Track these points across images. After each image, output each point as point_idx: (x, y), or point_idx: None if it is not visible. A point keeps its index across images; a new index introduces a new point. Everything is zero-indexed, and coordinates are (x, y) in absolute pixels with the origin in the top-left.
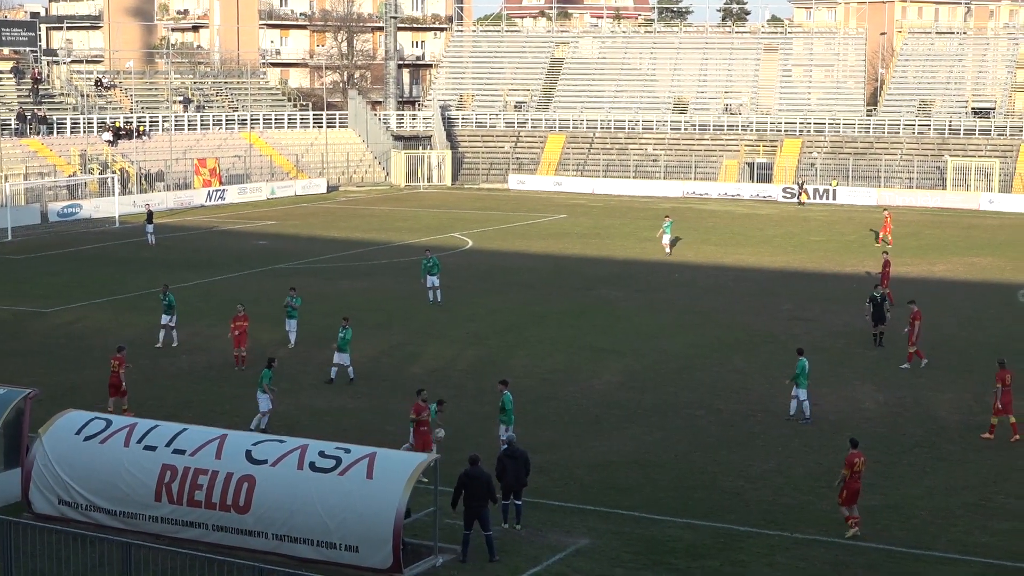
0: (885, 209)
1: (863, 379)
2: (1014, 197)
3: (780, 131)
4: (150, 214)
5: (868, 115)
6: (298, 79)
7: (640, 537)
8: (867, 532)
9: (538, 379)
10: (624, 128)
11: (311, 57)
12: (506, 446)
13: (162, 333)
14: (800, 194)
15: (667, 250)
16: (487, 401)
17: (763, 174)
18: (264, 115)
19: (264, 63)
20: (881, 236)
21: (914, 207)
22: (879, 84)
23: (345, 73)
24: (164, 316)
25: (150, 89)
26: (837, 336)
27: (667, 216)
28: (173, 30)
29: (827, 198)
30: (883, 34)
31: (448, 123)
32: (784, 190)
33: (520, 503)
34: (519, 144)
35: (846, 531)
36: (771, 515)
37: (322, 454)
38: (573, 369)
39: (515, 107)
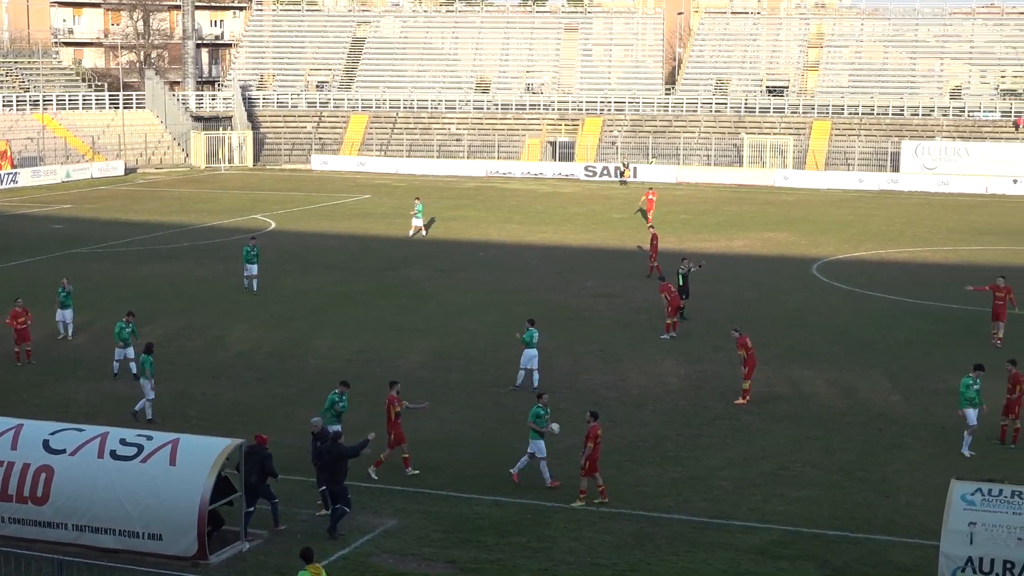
0: (650, 188)
1: (665, 354)
2: (807, 173)
3: (581, 110)
4: None
5: (667, 94)
6: (93, 59)
7: (448, 516)
8: (671, 503)
9: (344, 360)
10: (427, 108)
11: (106, 36)
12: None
13: None
14: (623, 173)
15: (423, 231)
16: (292, 383)
17: (565, 153)
18: (58, 96)
19: (56, 42)
20: (650, 216)
21: (712, 184)
22: (677, 63)
23: (142, 53)
24: None
25: None
26: (639, 311)
27: (417, 198)
28: None
29: (630, 176)
30: (680, 14)
31: (249, 104)
32: (615, 168)
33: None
34: (322, 124)
35: (594, 500)
36: (577, 489)
37: (123, 442)
38: (379, 349)
39: (317, 87)
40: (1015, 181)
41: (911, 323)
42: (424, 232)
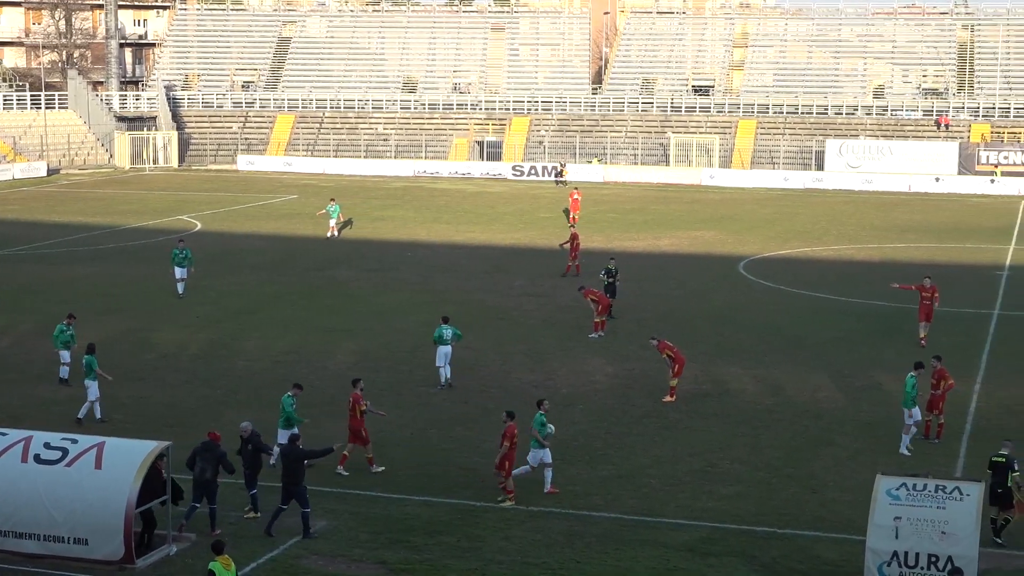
0: (576, 188)
1: (594, 353)
2: (733, 172)
3: (509, 110)
4: None
5: (594, 93)
6: (13, 58)
7: (378, 516)
8: (600, 502)
9: (271, 361)
10: (354, 107)
11: (27, 36)
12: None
13: None
14: (561, 173)
15: (335, 232)
16: (219, 385)
17: (493, 152)
18: None
19: None
20: (574, 216)
21: (639, 183)
22: (604, 63)
23: (64, 52)
24: None
25: None
26: (567, 310)
27: (332, 199)
28: None
29: (568, 175)
30: (606, 14)
31: (174, 104)
32: (552, 168)
33: (254, 492)
34: (247, 124)
35: (503, 501)
36: (504, 490)
37: (47, 445)
38: (306, 350)
39: (242, 87)
40: (937, 179)
41: (836, 320)
42: (336, 233)
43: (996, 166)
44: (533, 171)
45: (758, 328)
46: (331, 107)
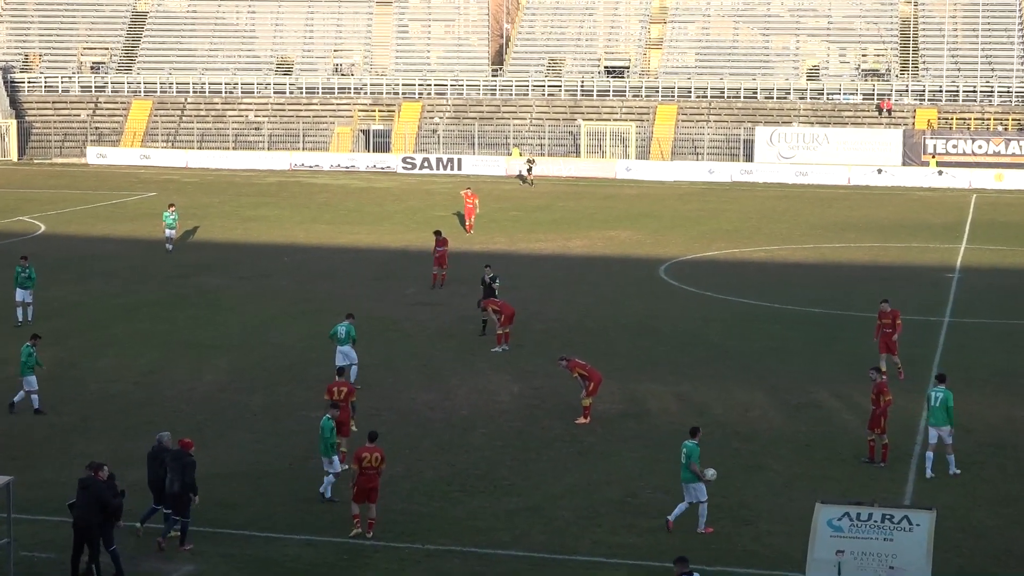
0: (468, 188)
1: (497, 368)
2: (652, 164)
3: (397, 94)
4: None
5: (494, 75)
6: None
7: (253, 558)
8: (506, 538)
9: (130, 383)
10: (221, 92)
11: None
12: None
13: None
14: (529, 169)
15: (168, 246)
16: (69, 411)
17: (380, 142)
18: None
19: None
20: (468, 224)
21: (547, 176)
22: (505, 41)
23: None
24: None
25: None
26: (467, 321)
27: (171, 205)
28: None
29: (452, 168)
30: None
31: (12, 88)
32: (519, 166)
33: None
34: (98, 112)
35: (351, 531)
36: (400, 525)
37: None
38: (170, 369)
39: (92, 69)
40: (879, 171)
41: (768, 329)
42: (169, 247)
43: (933, 156)
44: (426, 164)
45: (681, 339)
46: (194, 91)
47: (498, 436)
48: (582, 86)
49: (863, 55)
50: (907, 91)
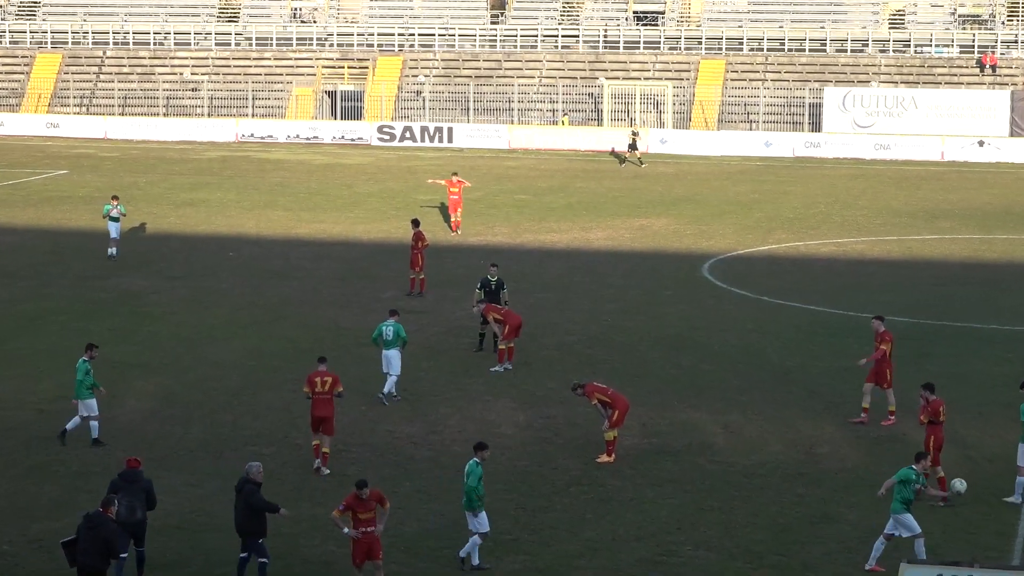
0: (454, 174)
1: (497, 393)
2: (693, 134)
3: (372, 47)
4: None
5: (493, 23)
6: None
7: None
8: None
9: (33, 410)
10: (149, 44)
11: None
12: None
13: None
14: (634, 141)
15: (112, 250)
16: None
17: (350, 107)
18: None
19: None
20: (454, 220)
21: (561, 151)
22: None
23: None
24: None
25: None
26: (459, 333)
27: (114, 197)
28: None
29: (440, 139)
30: None
31: None
32: (628, 145)
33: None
34: None
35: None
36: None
37: None
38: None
39: None
40: (981, 143)
41: (840, 344)
42: (113, 252)
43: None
44: (408, 134)
45: (730, 356)
46: (115, 43)
47: (500, 479)
48: (605, 36)
49: None
50: (1016, 42)
